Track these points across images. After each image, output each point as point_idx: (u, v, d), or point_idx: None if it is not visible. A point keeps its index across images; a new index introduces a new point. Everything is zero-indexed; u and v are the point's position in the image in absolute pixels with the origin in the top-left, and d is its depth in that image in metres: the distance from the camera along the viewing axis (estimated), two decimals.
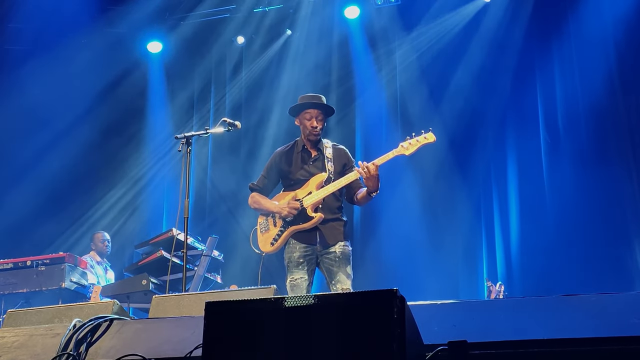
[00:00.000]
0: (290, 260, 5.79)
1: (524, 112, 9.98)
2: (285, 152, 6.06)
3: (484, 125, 10.13)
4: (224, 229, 10.40)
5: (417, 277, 9.48)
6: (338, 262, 5.73)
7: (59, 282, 8.28)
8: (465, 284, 9.84)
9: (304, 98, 6.03)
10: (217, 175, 11.38)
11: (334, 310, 2.85)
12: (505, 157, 10.01)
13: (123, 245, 11.05)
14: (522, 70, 10.06)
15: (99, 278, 9.17)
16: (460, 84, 10.23)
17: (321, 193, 5.79)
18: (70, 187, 11.21)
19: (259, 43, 11.56)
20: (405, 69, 10.80)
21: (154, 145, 11.72)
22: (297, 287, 5.68)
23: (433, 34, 10.63)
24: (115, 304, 4.29)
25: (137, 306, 8.11)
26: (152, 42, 11.68)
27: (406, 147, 5.70)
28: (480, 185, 10.11)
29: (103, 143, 11.58)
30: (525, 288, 9.16)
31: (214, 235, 8.51)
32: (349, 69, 11.06)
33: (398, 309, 2.74)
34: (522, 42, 10.06)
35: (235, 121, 6.23)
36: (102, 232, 9.89)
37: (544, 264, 9.17)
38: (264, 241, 5.94)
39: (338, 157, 5.98)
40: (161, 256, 7.98)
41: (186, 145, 6.08)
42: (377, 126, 10.77)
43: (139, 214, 11.54)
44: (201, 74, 11.88)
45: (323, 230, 5.79)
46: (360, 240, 10.24)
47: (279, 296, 2.98)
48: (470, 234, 10.00)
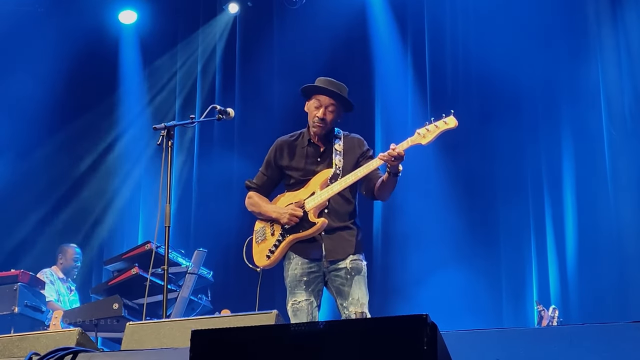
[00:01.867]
0: (291, 279, 5.78)
1: (583, 97, 9.95)
2: (288, 144, 6.04)
3: (533, 114, 10.11)
4: (213, 241, 10.40)
5: (451, 300, 9.47)
6: (350, 280, 5.70)
7: (11, 306, 8.30)
8: (510, 308, 9.83)
9: (320, 81, 5.99)
10: (205, 174, 11.39)
11: (349, 340, 2.85)
12: (559, 153, 9.99)
13: (89, 261, 11.08)
14: (581, 46, 10.03)
15: (61, 297, 9.19)
16: (504, 62, 10.21)
17: (325, 193, 5.76)
18: (22, 189, 11.24)
19: (256, 12, 11.58)
20: (436, 41, 10.80)
21: (126, 137, 11.75)
22: (300, 312, 5.67)
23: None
24: (80, 332, 4.30)
25: (107, 335, 8.14)
26: (125, 11, 11.71)
27: (423, 135, 5.59)
28: (529, 187, 10.09)
29: (64, 134, 11.61)
30: (585, 313, 9.15)
31: (201, 249, 8.53)
32: (367, 43, 11.06)
33: (428, 338, 2.74)
34: (581, 9, 10.05)
35: (227, 108, 6.24)
36: (74, 246, 9.92)
37: (608, 284, 9.15)
38: (259, 253, 5.93)
39: (351, 149, 5.94)
40: (136, 274, 8.01)
41: (167, 138, 6.08)
42: (402, 114, 10.77)
43: (108, 222, 11.56)
44: (185, 51, 11.91)
45: (329, 241, 5.76)
46: (381, 253, 10.24)
47: (281, 324, 2.98)
48: (517, 247, 9.99)
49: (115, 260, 8.47)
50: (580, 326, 3.61)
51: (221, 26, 11.81)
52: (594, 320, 7.93)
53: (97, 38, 11.61)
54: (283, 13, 11.46)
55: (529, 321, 9.32)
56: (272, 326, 2.97)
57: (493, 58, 10.13)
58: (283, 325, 2.93)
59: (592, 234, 9.48)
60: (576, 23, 10.07)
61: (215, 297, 8.97)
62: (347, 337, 2.87)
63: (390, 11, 11.01)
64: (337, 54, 10.97)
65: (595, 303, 9.18)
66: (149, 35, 11.91)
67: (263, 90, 11.32)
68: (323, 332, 2.89)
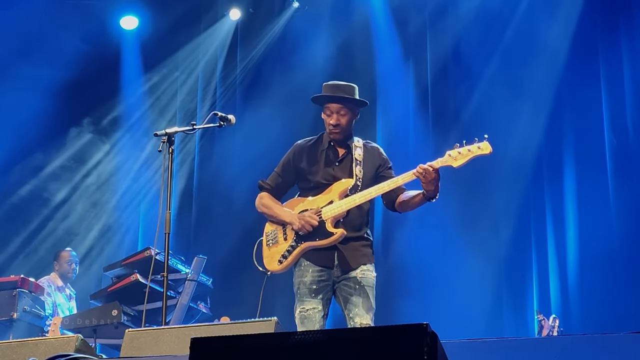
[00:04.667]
0: (300, 286, 5.75)
1: (584, 106, 9.96)
2: (307, 148, 5.97)
3: (535, 123, 10.10)
4: (213, 248, 10.40)
5: (451, 309, 9.46)
6: (358, 291, 5.68)
7: (10, 312, 8.29)
8: (510, 317, 9.83)
9: (325, 88, 5.93)
10: (206, 181, 11.39)
11: (351, 349, 2.85)
12: (560, 161, 9.99)
13: (89, 267, 11.07)
14: (582, 55, 10.04)
15: (60, 307, 9.18)
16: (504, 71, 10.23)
17: (344, 204, 5.70)
18: (25, 195, 11.25)
19: (258, 18, 11.59)
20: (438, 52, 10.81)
21: (127, 144, 11.75)
22: (308, 320, 5.63)
23: (472, 7, 10.65)
24: (79, 339, 4.30)
25: (106, 342, 8.12)
26: (126, 17, 11.71)
27: (454, 157, 5.56)
28: (530, 195, 10.10)
29: (66, 139, 11.61)
30: (586, 323, 9.14)
31: (200, 256, 8.52)
32: (370, 51, 11.07)
33: (429, 347, 2.74)
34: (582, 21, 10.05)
35: (228, 115, 6.23)
36: (70, 250, 9.89)
37: (609, 293, 9.14)
38: (270, 257, 5.87)
39: (370, 159, 5.90)
40: (136, 281, 8.00)
41: (168, 144, 6.08)
42: (403, 124, 10.77)
43: (108, 228, 11.55)
44: (186, 57, 11.91)
45: (343, 250, 5.72)
46: (381, 263, 10.22)
47: (281, 332, 2.98)
48: (518, 256, 9.98)
49: (115, 267, 8.46)
50: (580, 336, 3.61)
51: (223, 32, 11.82)
52: (595, 330, 7.95)
53: (98, 43, 11.61)
54: (284, 19, 11.47)
55: (529, 331, 9.31)
56: (272, 334, 2.97)
57: (494, 68, 10.16)
58: (283, 333, 2.92)
59: (593, 243, 9.47)
60: (579, 32, 10.07)
61: (214, 304, 8.96)
62: (347, 346, 2.87)
63: (392, 20, 11.01)
64: (339, 59, 10.98)
65: (596, 313, 9.17)
66: (150, 41, 11.91)
67: (264, 97, 11.32)
68: (323, 341, 2.88)
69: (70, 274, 9.65)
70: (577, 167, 9.89)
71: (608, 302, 9.12)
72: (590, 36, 10.05)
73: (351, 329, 3.90)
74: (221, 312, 8.93)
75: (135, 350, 4.54)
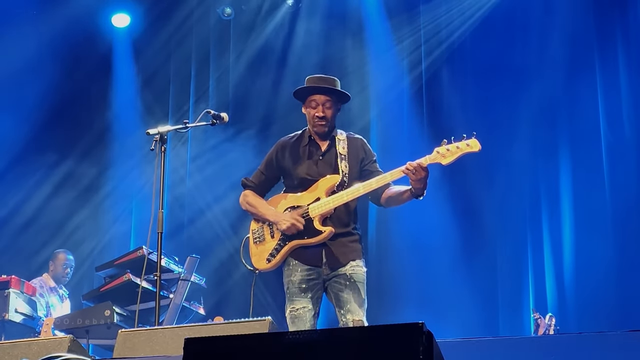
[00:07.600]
0: (290, 285, 5.74)
1: (580, 102, 9.97)
2: (290, 144, 5.98)
3: (531, 119, 10.11)
4: (206, 247, 10.40)
5: (447, 308, 9.47)
6: (349, 287, 5.67)
7: (2, 312, 8.29)
8: (506, 316, 9.83)
9: (309, 80, 5.96)
10: (198, 180, 11.38)
11: (344, 348, 2.85)
12: (556, 159, 10.00)
13: (81, 266, 11.05)
14: (579, 54, 10.05)
15: (51, 309, 9.17)
16: (500, 66, 10.24)
17: (332, 201, 5.69)
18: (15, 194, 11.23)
19: (251, 15, 11.58)
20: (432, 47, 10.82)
21: (119, 142, 11.73)
22: (298, 319, 5.63)
23: (467, 3, 10.67)
24: (72, 339, 4.30)
25: (99, 342, 8.12)
26: (118, 14, 11.70)
27: (443, 154, 5.50)
28: (526, 192, 10.10)
29: (56, 139, 11.59)
30: (582, 321, 9.15)
31: (194, 255, 8.52)
32: (363, 47, 11.08)
33: (424, 347, 2.74)
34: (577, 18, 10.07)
35: (221, 113, 6.23)
36: (67, 252, 9.86)
37: (606, 292, 9.16)
38: (257, 255, 5.86)
39: (354, 152, 5.89)
40: (128, 280, 8.00)
41: (160, 143, 6.09)
42: (397, 119, 10.77)
43: (100, 227, 11.54)
44: (178, 55, 11.90)
45: (331, 247, 5.71)
46: (376, 261, 10.23)
47: (275, 332, 2.98)
48: (513, 254, 9.99)
49: (107, 267, 8.45)
50: (577, 335, 3.61)
51: (215, 29, 11.81)
52: (591, 329, 7.95)
53: (90, 41, 11.61)
54: (277, 17, 11.47)
55: (525, 329, 9.32)
56: (266, 334, 2.97)
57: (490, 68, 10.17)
58: (277, 333, 2.93)
59: (589, 242, 9.48)
60: (575, 33, 10.07)
61: (208, 303, 8.95)
62: (342, 345, 2.87)
63: (386, 18, 11.01)
64: (332, 56, 10.98)
65: (592, 311, 9.18)
66: (142, 38, 11.90)
67: (257, 94, 11.32)
68: (318, 340, 2.88)
69: (64, 277, 9.65)
70: (573, 165, 9.89)
71: (604, 300, 9.13)
72: (586, 33, 10.06)
73: (347, 329, 3.91)
74: (215, 311, 8.94)
75: (128, 351, 4.54)
